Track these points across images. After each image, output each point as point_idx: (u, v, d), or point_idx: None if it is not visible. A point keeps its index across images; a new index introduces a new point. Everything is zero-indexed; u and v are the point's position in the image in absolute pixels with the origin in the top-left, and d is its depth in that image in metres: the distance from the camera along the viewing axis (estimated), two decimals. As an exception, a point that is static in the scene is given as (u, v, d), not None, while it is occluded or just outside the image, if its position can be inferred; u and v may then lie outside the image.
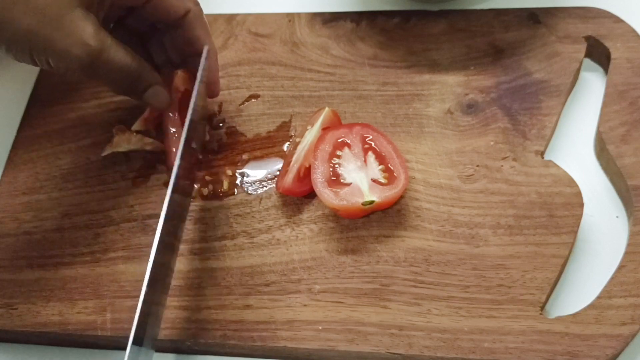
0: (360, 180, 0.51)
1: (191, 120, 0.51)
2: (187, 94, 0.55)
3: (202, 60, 0.53)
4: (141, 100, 0.53)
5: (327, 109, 0.55)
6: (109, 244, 0.55)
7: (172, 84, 0.56)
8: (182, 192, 0.51)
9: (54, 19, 0.46)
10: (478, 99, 0.55)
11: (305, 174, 0.53)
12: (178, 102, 0.56)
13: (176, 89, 0.55)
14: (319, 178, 0.51)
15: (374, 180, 0.51)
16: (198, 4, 0.53)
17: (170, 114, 0.56)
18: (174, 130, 0.56)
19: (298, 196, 0.54)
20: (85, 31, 0.47)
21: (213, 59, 0.55)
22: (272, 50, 0.61)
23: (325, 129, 0.54)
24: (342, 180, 0.52)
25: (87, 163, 0.59)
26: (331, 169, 0.52)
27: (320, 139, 0.53)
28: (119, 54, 0.49)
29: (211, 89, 0.56)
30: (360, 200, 0.50)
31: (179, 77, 0.56)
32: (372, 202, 0.50)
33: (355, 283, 0.50)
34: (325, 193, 0.51)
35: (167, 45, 0.56)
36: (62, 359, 0.53)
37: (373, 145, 0.53)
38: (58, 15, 0.46)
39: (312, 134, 0.54)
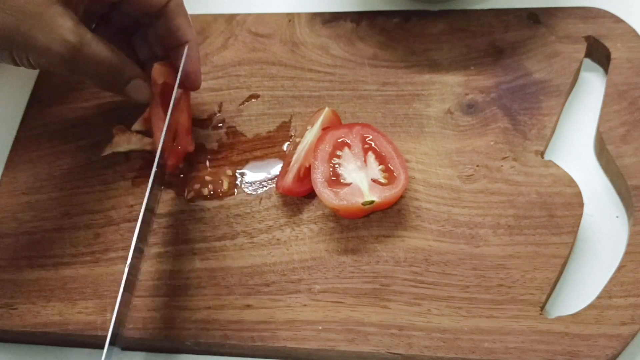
0: (360, 180, 0.51)
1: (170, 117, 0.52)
2: (167, 87, 0.55)
3: (183, 59, 0.53)
4: (123, 94, 0.53)
5: (327, 109, 0.55)
6: (109, 244, 0.55)
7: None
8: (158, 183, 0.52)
9: (33, 16, 0.46)
10: (478, 99, 0.55)
11: (305, 174, 0.53)
12: (159, 95, 0.55)
13: (154, 82, 0.55)
14: (319, 178, 0.51)
15: (374, 180, 0.51)
16: None
17: (155, 109, 0.55)
18: (158, 125, 0.55)
19: (298, 196, 0.54)
20: (65, 27, 0.47)
21: (194, 49, 0.54)
22: (272, 50, 0.61)
23: (325, 129, 0.54)
24: (342, 180, 0.52)
25: (87, 163, 0.59)
26: (331, 169, 0.52)
27: (320, 139, 0.53)
28: (99, 49, 0.49)
29: (191, 79, 0.55)
30: (360, 200, 0.50)
31: (157, 69, 0.55)
32: (372, 202, 0.50)
33: (355, 283, 0.50)
34: (325, 193, 0.51)
35: (151, 39, 0.56)
36: (62, 359, 0.53)
37: (373, 145, 0.53)
38: (37, 12, 0.46)
39: (312, 134, 0.54)
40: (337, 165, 0.52)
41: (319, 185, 0.51)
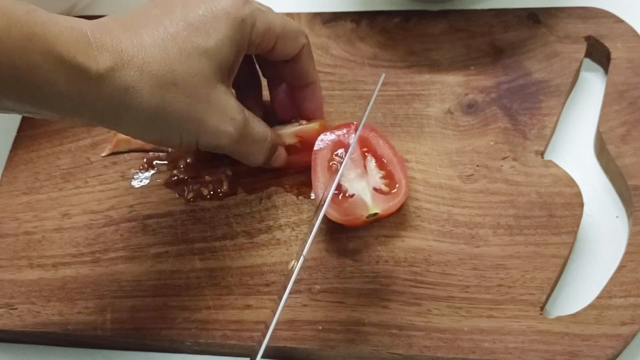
0: (362, 191, 0.51)
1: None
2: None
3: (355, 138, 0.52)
4: (268, 165, 0.53)
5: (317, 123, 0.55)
6: (109, 244, 0.55)
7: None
8: None
9: (202, 99, 0.45)
10: (478, 99, 0.55)
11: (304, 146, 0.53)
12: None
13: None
14: (320, 188, 0.51)
15: (376, 190, 0.51)
16: (307, 37, 0.52)
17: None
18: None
19: (298, 168, 0.54)
20: (230, 106, 0.47)
21: (319, 89, 0.55)
22: (272, 50, 0.61)
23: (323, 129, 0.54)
24: (344, 192, 0.51)
25: (87, 163, 0.59)
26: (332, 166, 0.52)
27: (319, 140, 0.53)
28: (256, 124, 0.50)
29: (317, 115, 0.55)
30: (365, 214, 0.49)
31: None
32: (375, 214, 0.50)
33: (355, 283, 0.50)
34: (329, 208, 0.50)
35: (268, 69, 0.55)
36: (62, 359, 0.53)
37: (372, 146, 0.53)
38: (206, 94, 0.45)
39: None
40: (337, 165, 0.52)
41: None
